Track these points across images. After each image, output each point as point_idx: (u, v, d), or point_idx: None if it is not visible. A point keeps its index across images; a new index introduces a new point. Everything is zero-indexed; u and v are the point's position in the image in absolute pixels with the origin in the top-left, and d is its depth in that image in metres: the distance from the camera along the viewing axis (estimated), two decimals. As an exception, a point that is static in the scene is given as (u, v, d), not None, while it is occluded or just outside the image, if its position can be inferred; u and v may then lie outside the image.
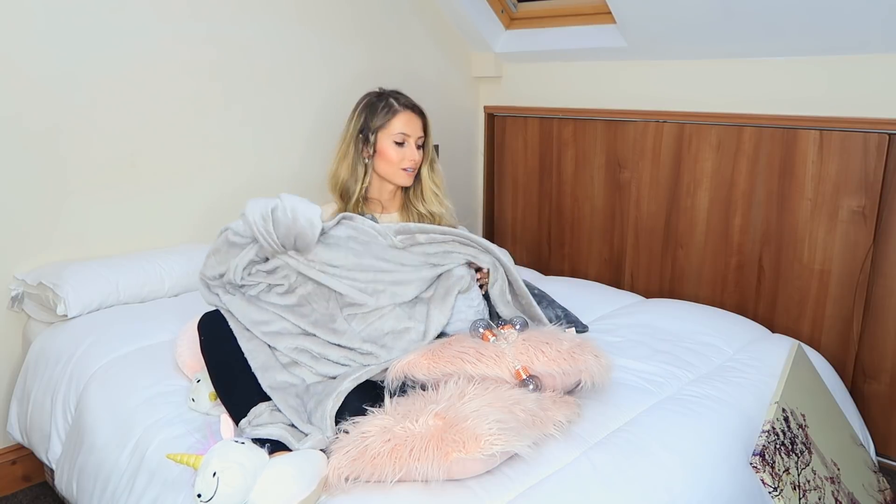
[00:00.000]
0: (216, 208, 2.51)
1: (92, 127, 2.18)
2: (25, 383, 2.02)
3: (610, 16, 2.62)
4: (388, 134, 1.85)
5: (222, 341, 1.55)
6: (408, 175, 1.87)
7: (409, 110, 1.87)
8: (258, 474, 1.24)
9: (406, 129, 1.85)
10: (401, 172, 1.86)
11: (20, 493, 2.22)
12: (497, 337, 1.55)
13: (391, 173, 1.87)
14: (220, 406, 1.56)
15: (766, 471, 1.47)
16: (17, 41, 2.01)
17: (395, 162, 1.85)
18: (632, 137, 2.75)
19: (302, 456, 1.32)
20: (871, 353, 2.28)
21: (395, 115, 1.85)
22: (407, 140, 1.85)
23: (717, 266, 2.59)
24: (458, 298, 1.64)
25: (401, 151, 1.85)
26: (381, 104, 1.87)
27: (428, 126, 1.90)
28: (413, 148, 1.86)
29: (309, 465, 1.29)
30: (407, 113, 1.86)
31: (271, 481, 1.23)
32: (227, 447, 1.26)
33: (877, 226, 2.21)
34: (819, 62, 2.27)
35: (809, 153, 2.31)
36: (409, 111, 1.87)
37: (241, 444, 1.27)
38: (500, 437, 1.28)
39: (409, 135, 1.85)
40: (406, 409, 1.37)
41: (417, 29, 3.02)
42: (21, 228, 2.10)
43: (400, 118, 1.85)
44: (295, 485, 1.23)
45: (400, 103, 1.87)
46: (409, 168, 1.86)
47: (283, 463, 1.27)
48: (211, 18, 2.40)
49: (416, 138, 1.86)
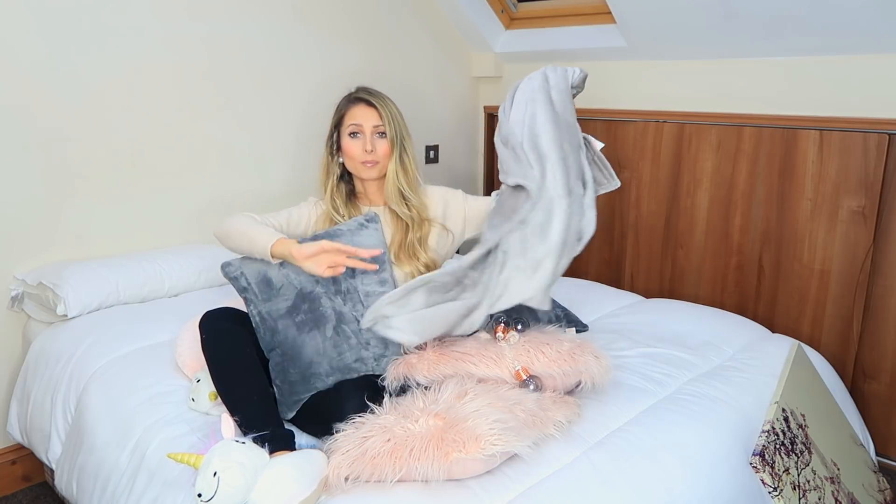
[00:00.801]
0: (216, 208, 2.51)
1: (92, 127, 2.18)
2: (25, 383, 2.02)
3: (610, 16, 2.62)
4: (344, 128, 1.81)
5: (224, 340, 1.55)
6: (369, 168, 1.79)
7: (361, 102, 1.81)
8: (259, 474, 1.24)
9: (357, 120, 1.79)
10: (361, 166, 1.80)
11: (20, 493, 2.22)
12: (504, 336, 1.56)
13: (354, 167, 1.82)
14: (220, 405, 1.56)
15: (765, 471, 1.47)
16: (17, 41, 2.01)
17: (354, 155, 1.79)
18: (632, 137, 2.75)
19: (303, 456, 1.32)
20: (871, 353, 2.28)
21: (347, 109, 1.82)
22: (360, 131, 1.79)
23: (717, 266, 2.59)
24: None
25: (354, 144, 1.79)
26: (341, 102, 1.85)
27: (385, 116, 1.79)
28: (368, 140, 1.78)
29: (309, 465, 1.29)
30: (358, 105, 1.81)
31: (272, 481, 1.24)
32: (228, 447, 1.26)
33: (877, 226, 2.21)
34: (819, 62, 2.27)
35: (809, 153, 2.31)
36: (361, 103, 1.81)
37: (241, 443, 1.28)
38: (500, 437, 1.28)
39: (362, 125, 1.78)
40: (406, 409, 1.37)
41: (417, 29, 3.02)
42: (21, 228, 2.10)
43: (351, 111, 1.81)
44: (295, 485, 1.24)
45: (352, 97, 1.83)
46: (368, 161, 1.78)
47: (283, 463, 1.27)
48: (211, 19, 2.40)
49: (370, 129, 1.79)
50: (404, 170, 1.81)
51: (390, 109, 1.81)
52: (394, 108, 1.83)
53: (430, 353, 1.50)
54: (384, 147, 1.79)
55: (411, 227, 1.79)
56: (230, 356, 1.53)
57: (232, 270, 1.65)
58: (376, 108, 1.80)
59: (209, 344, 1.54)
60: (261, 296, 1.60)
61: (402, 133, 1.82)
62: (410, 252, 1.78)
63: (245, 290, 1.62)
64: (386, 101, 1.82)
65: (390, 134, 1.79)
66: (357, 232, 1.71)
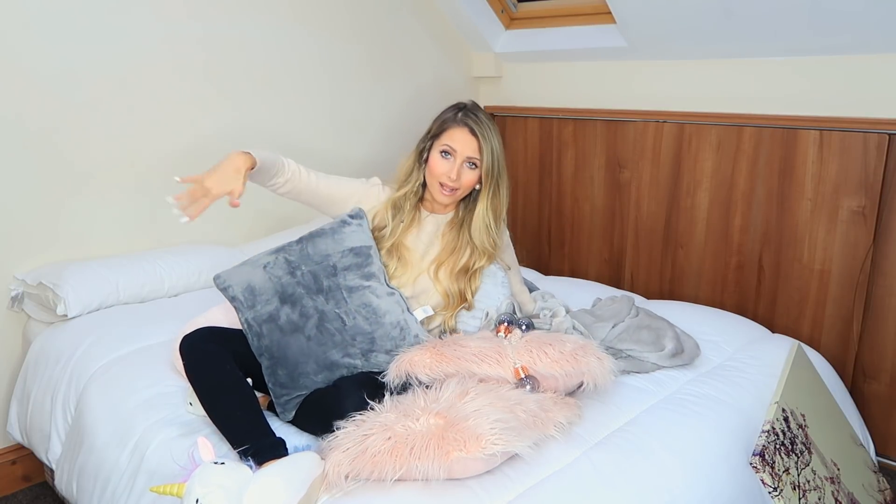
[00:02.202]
0: (216, 208, 2.50)
1: (92, 127, 2.18)
2: (25, 383, 2.02)
3: (610, 16, 2.62)
4: (438, 144, 1.75)
5: (203, 361, 1.50)
6: (444, 193, 1.73)
7: (464, 126, 1.73)
8: (243, 492, 1.22)
9: (453, 143, 1.72)
10: (438, 188, 1.74)
11: (20, 493, 2.22)
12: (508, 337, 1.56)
13: (432, 184, 1.76)
14: None
15: (765, 471, 1.47)
16: (17, 41, 2.01)
17: (436, 174, 1.73)
18: (632, 137, 2.75)
19: (290, 462, 1.31)
20: (871, 353, 2.28)
21: (449, 127, 1.75)
22: (453, 154, 1.72)
23: (717, 266, 2.59)
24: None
25: (443, 164, 1.72)
26: (447, 115, 1.78)
27: (485, 151, 1.72)
28: (457, 165, 1.71)
29: (297, 471, 1.27)
30: (461, 129, 1.73)
31: (258, 494, 1.22)
32: (207, 471, 1.25)
33: (877, 226, 2.21)
34: (819, 62, 2.27)
35: (809, 153, 2.31)
36: (464, 127, 1.73)
37: (221, 464, 1.26)
38: (500, 436, 1.28)
39: (456, 150, 1.71)
40: (407, 408, 1.37)
41: (417, 29, 3.01)
42: (21, 228, 2.10)
43: (452, 131, 1.73)
44: (284, 492, 1.22)
45: (459, 117, 1.75)
46: (448, 185, 1.72)
47: (269, 473, 1.26)
48: (210, 19, 2.39)
49: (464, 157, 1.72)
50: (494, 207, 1.77)
51: (492, 144, 1.73)
52: (496, 142, 1.75)
53: (432, 351, 1.50)
54: (469, 179, 1.74)
55: (475, 253, 1.78)
56: (210, 376, 1.49)
57: (221, 282, 1.65)
58: (477, 139, 1.73)
59: (189, 368, 1.50)
60: (246, 303, 1.61)
61: (498, 170, 1.75)
62: (462, 274, 1.77)
63: (233, 300, 1.63)
64: (490, 134, 1.74)
65: (485, 168, 1.74)
66: (339, 230, 1.72)
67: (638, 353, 1.80)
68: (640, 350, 1.80)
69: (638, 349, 1.81)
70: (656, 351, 1.81)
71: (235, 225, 2.57)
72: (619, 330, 1.85)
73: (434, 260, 1.79)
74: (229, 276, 1.66)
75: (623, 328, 1.86)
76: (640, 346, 1.81)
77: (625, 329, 1.85)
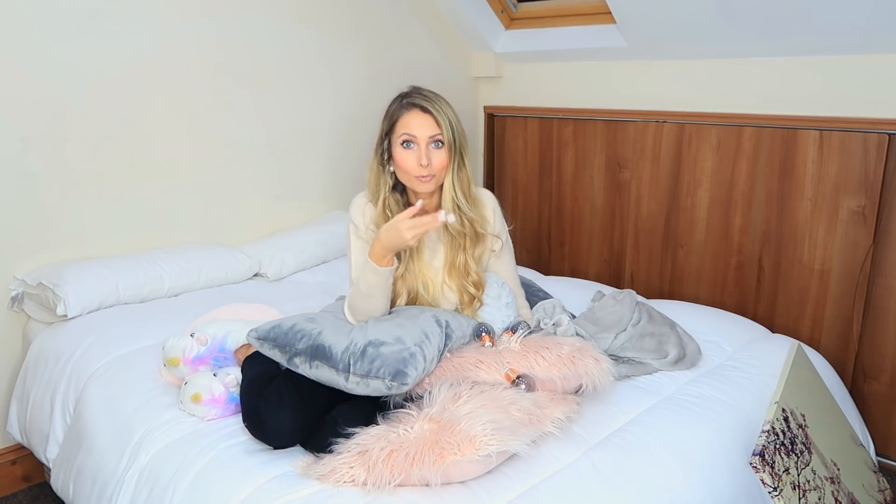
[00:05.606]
0: (216, 208, 2.51)
1: (91, 127, 2.18)
2: (25, 383, 2.02)
3: (610, 16, 2.62)
4: (396, 137, 1.62)
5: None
6: (425, 182, 1.60)
7: (415, 108, 1.60)
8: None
9: (411, 130, 1.59)
10: (415, 181, 1.61)
11: (20, 493, 2.22)
12: (495, 343, 1.55)
13: (408, 181, 1.63)
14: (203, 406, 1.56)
15: (765, 471, 1.47)
16: (17, 40, 2.01)
17: (406, 168, 1.60)
18: (632, 137, 2.75)
19: None
20: (871, 353, 2.28)
21: (399, 115, 1.62)
22: (414, 141, 1.59)
23: (717, 266, 2.59)
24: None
25: (408, 156, 1.59)
26: (392, 106, 1.66)
27: (443, 123, 1.59)
28: (423, 151, 1.58)
29: None
30: (412, 112, 1.60)
31: None
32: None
33: (877, 226, 2.21)
34: (819, 62, 2.27)
35: (809, 153, 2.31)
36: (415, 109, 1.60)
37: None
38: (494, 437, 1.28)
39: (416, 135, 1.59)
40: (400, 416, 1.37)
41: (417, 29, 3.02)
42: (21, 228, 2.10)
43: (405, 118, 1.61)
44: None
45: (405, 103, 1.63)
46: (424, 175, 1.59)
47: None
48: (210, 19, 2.39)
49: (426, 140, 1.59)
50: (461, 180, 1.64)
51: (447, 115, 1.61)
52: (451, 112, 1.63)
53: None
54: (441, 159, 1.61)
55: (464, 244, 1.68)
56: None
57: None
58: (433, 115, 1.60)
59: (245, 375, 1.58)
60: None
61: (460, 140, 1.63)
62: (462, 270, 1.68)
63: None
64: (442, 106, 1.62)
65: (447, 142, 1.60)
66: None
67: (641, 360, 1.80)
68: (643, 358, 1.81)
69: (641, 357, 1.81)
70: (660, 358, 1.81)
71: (235, 225, 2.57)
72: (622, 340, 1.84)
73: (444, 263, 1.71)
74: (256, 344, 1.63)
75: (626, 338, 1.85)
76: (644, 355, 1.81)
77: (628, 339, 1.85)
